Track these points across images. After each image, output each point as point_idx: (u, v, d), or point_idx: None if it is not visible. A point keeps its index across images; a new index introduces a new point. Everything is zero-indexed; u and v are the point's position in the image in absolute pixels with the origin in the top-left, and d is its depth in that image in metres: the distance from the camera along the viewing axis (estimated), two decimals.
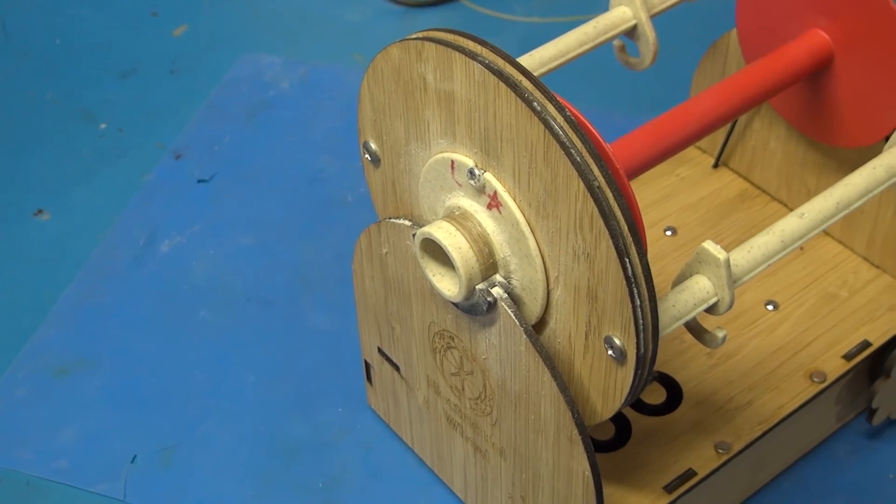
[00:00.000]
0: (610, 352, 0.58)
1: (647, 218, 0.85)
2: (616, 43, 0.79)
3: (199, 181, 1.01)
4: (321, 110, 1.07)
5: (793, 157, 0.83)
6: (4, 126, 1.07)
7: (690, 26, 1.11)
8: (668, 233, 0.84)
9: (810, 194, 0.83)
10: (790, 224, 0.63)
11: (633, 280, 0.55)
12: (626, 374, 0.59)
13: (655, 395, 0.74)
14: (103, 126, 1.07)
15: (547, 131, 0.55)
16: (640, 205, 0.85)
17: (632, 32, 0.77)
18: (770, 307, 0.79)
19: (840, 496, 0.77)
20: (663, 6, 0.76)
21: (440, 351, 0.69)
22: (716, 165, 0.88)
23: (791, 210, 0.84)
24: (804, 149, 0.82)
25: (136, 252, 0.95)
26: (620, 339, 0.57)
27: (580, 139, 0.55)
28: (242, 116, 1.07)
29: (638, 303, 0.56)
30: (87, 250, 0.95)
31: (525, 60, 0.73)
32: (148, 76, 1.12)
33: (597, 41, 0.75)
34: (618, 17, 0.75)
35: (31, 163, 1.03)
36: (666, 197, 0.87)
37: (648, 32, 0.76)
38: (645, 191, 0.87)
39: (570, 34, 0.75)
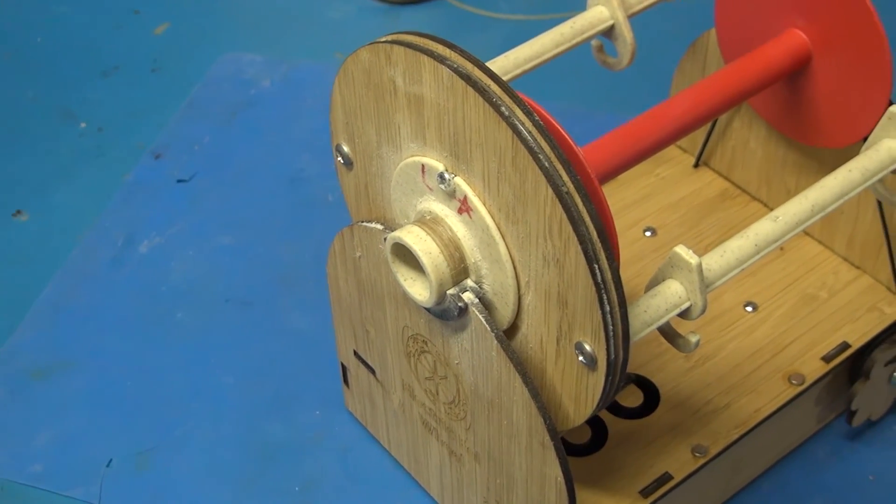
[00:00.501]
0: (581, 358, 0.58)
1: (627, 218, 0.84)
2: (594, 43, 0.78)
3: (179, 181, 1.00)
4: (302, 109, 1.06)
5: (773, 156, 0.82)
6: None
7: (672, 24, 1.10)
8: (648, 233, 0.83)
9: (790, 194, 0.82)
10: (764, 227, 0.62)
11: (602, 286, 0.55)
12: (598, 380, 0.58)
13: (632, 397, 0.74)
14: (83, 125, 1.06)
15: (515, 136, 0.55)
16: (619, 205, 0.85)
17: (609, 32, 0.76)
18: (749, 308, 0.78)
19: (820, 498, 0.77)
20: (640, 6, 0.76)
21: (414, 355, 0.69)
22: (696, 165, 0.88)
23: (771, 210, 0.83)
24: (784, 149, 0.81)
25: (114, 253, 0.94)
26: (591, 345, 0.57)
27: (548, 144, 0.55)
28: (223, 116, 1.06)
29: (608, 308, 0.55)
30: (65, 251, 0.95)
31: (501, 61, 0.72)
32: (129, 75, 1.12)
33: (573, 41, 0.74)
34: (595, 17, 0.75)
35: (10, 163, 1.03)
36: (645, 197, 0.86)
37: (626, 33, 0.75)
38: (624, 191, 0.86)
39: (547, 34, 0.74)
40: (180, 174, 1.01)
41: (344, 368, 0.79)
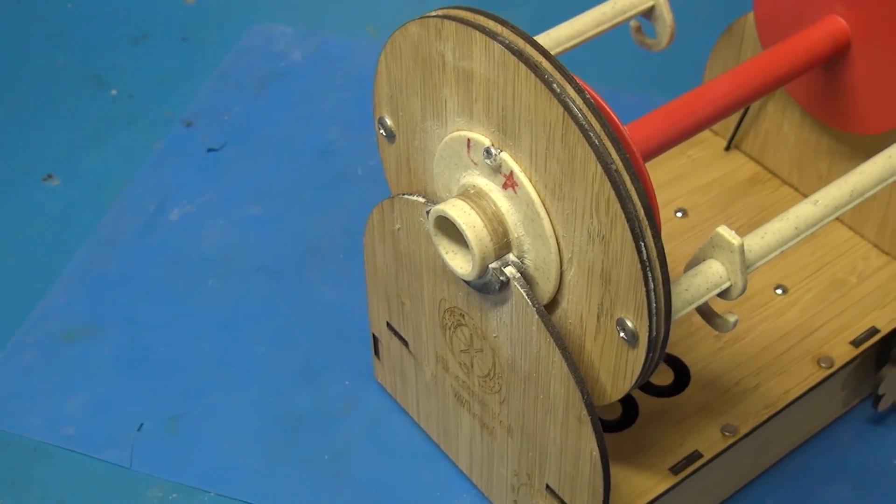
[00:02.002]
0: (622, 334, 0.58)
1: (658, 199, 0.85)
2: (632, 23, 0.78)
3: (210, 150, 1.01)
4: (332, 83, 1.07)
5: (806, 141, 0.83)
6: (15, 90, 1.07)
7: (701, 5, 1.10)
8: (679, 214, 0.84)
9: (822, 180, 0.83)
10: (804, 211, 0.63)
11: (647, 263, 0.56)
12: (638, 357, 0.59)
13: (663, 376, 0.75)
14: (114, 92, 1.07)
15: (566, 113, 0.55)
16: None
17: (649, 13, 0.76)
18: (779, 291, 0.79)
19: (844, 481, 0.77)
20: None
21: (450, 328, 0.70)
22: (728, 148, 0.88)
23: (802, 195, 0.84)
24: (818, 134, 0.82)
25: (145, 220, 0.95)
26: (633, 322, 0.58)
27: (599, 122, 0.55)
28: (253, 86, 1.07)
29: (652, 286, 0.56)
30: (96, 217, 0.95)
31: (541, 40, 0.73)
32: (159, 43, 1.12)
33: (614, 21, 0.75)
34: None
35: (41, 128, 1.03)
36: (677, 178, 0.87)
37: (665, 14, 0.76)
38: (656, 171, 0.87)
39: (587, 14, 0.75)
40: (211, 143, 1.01)
41: (375, 339, 0.80)
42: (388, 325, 0.77)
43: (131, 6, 1.16)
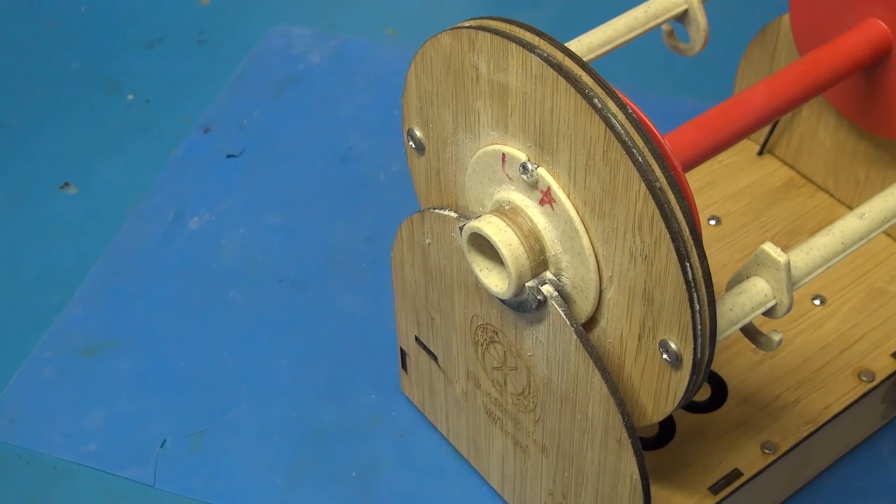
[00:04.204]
0: (665, 356, 0.57)
1: None
2: (665, 28, 0.76)
3: (229, 156, 0.99)
4: (352, 86, 1.05)
5: (842, 147, 0.81)
6: (30, 96, 1.05)
7: (731, 5, 1.08)
8: (712, 222, 0.82)
9: (859, 186, 0.81)
10: (850, 225, 0.61)
11: (693, 284, 0.54)
12: (681, 379, 0.57)
13: (700, 391, 0.73)
14: (130, 97, 1.05)
15: (608, 129, 0.53)
16: None
17: (682, 17, 0.74)
18: (817, 302, 0.77)
19: (884, 495, 0.75)
20: None
21: (482, 344, 0.68)
22: (761, 153, 0.86)
23: (838, 201, 0.82)
24: (855, 139, 0.80)
25: (164, 229, 0.93)
26: (676, 344, 0.56)
27: (642, 138, 0.53)
28: (272, 90, 1.05)
29: (697, 308, 0.54)
30: (114, 226, 0.93)
31: (573, 46, 0.71)
32: (175, 46, 1.10)
33: (647, 26, 0.73)
34: (669, 1, 0.73)
35: (56, 134, 1.02)
36: (709, 184, 0.85)
37: (700, 17, 0.74)
38: (688, 178, 0.85)
39: (620, 19, 0.72)
40: (230, 149, 0.99)
41: (403, 353, 0.78)
42: (416, 339, 0.75)
43: (145, 8, 1.14)
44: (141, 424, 0.80)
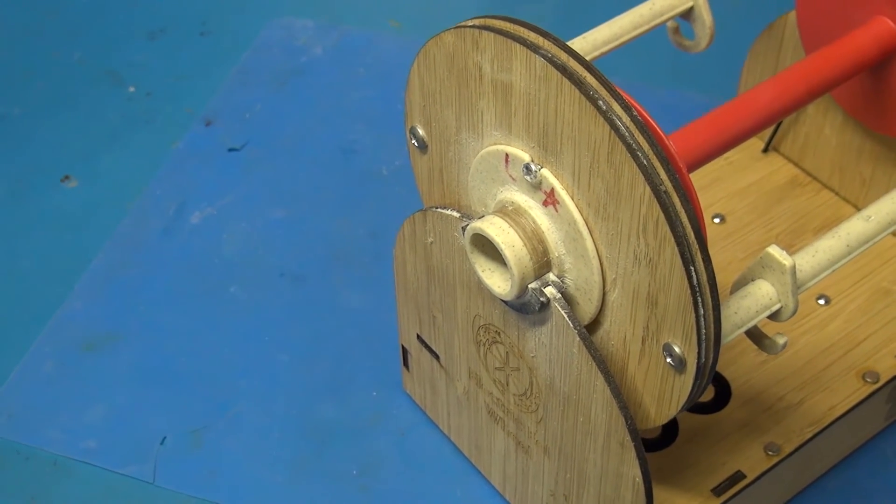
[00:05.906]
0: (668, 360, 0.56)
1: None
2: (670, 24, 0.76)
3: (231, 150, 0.98)
4: (355, 79, 1.04)
5: (848, 145, 0.80)
6: (30, 87, 1.05)
7: (734, 3, 1.08)
8: (717, 220, 0.81)
9: (865, 184, 0.80)
10: (856, 227, 0.60)
11: (697, 288, 0.53)
12: (685, 383, 0.56)
13: (704, 392, 0.72)
14: (132, 89, 1.04)
15: (612, 132, 0.53)
16: None
17: (687, 14, 0.74)
18: (822, 302, 0.77)
19: (889, 497, 0.75)
20: None
21: (484, 344, 0.67)
22: (765, 150, 0.86)
23: (843, 199, 0.82)
24: (861, 137, 0.79)
25: (165, 223, 0.92)
26: (680, 348, 0.55)
27: (647, 141, 0.53)
28: (274, 83, 1.04)
29: (702, 312, 0.54)
30: (115, 219, 0.93)
31: (578, 43, 0.70)
32: (177, 37, 1.10)
33: (652, 23, 0.72)
34: None
35: (57, 126, 1.01)
36: (714, 182, 0.84)
37: (705, 15, 0.73)
38: (692, 175, 0.84)
39: (625, 16, 0.72)
40: (231, 142, 0.99)
41: (405, 351, 0.77)
42: (418, 337, 0.74)
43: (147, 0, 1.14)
44: (141, 420, 0.80)
